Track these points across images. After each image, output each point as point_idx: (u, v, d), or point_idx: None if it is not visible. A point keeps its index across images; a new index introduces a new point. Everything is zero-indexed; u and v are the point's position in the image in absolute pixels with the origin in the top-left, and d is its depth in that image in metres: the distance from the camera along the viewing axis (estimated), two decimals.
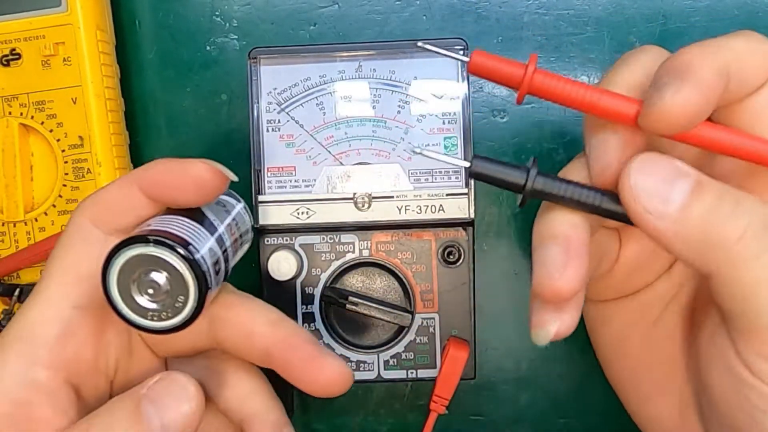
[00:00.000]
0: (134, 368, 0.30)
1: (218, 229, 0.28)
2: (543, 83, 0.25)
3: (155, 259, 0.25)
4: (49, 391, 0.25)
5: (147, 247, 0.25)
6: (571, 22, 0.39)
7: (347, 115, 0.37)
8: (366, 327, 0.38)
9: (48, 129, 0.37)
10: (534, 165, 0.25)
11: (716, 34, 0.38)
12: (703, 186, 0.23)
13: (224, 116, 0.40)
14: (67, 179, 0.37)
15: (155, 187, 0.27)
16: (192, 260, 0.25)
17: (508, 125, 0.40)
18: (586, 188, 0.25)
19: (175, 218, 0.27)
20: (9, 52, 0.37)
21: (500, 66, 0.25)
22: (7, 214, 0.37)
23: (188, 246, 0.26)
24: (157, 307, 0.26)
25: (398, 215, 0.36)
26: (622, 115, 0.24)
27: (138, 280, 0.26)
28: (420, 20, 0.39)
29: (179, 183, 0.27)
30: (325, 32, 0.40)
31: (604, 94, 0.24)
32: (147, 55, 0.40)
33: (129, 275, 0.25)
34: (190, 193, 0.27)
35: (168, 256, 0.25)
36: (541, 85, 0.25)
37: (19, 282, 0.38)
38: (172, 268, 0.25)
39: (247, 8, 0.40)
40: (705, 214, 0.23)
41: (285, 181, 0.37)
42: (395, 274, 0.37)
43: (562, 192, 0.25)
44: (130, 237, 0.25)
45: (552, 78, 0.25)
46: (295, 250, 0.37)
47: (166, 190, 0.27)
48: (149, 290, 0.26)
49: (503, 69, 0.25)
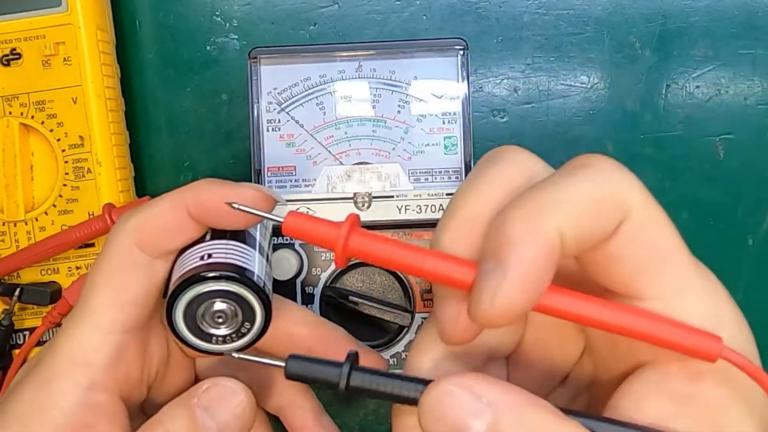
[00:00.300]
0: (170, 371, 0.30)
1: (257, 239, 0.29)
2: (361, 246, 0.22)
3: (219, 292, 0.26)
4: (107, 412, 0.26)
5: (209, 283, 0.26)
6: (570, 22, 0.39)
7: (347, 115, 0.37)
8: (366, 326, 0.38)
9: (48, 129, 0.37)
10: (349, 360, 0.23)
11: (716, 34, 0.39)
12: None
13: (224, 116, 0.40)
14: (68, 179, 0.37)
15: (206, 212, 0.27)
16: (256, 287, 0.26)
17: (508, 125, 0.40)
18: (408, 380, 0.22)
19: (225, 244, 0.27)
20: (9, 52, 0.37)
21: (315, 228, 0.23)
22: (7, 213, 0.37)
23: (246, 271, 0.26)
24: (224, 332, 0.27)
25: (398, 215, 0.36)
26: (455, 282, 0.21)
27: (204, 312, 0.26)
28: (420, 20, 0.40)
29: (231, 210, 0.26)
30: (325, 32, 0.40)
31: (431, 258, 0.21)
32: (147, 55, 0.40)
33: (194, 308, 0.26)
34: (242, 221, 0.27)
35: (231, 287, 0.26)
36: (359, 248, 0.22)
37: (19, 282, 0.38)
38: (236, 296, 0.26)
39: (247, 8, 0.40)
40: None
41: (285, 181, 0.37)
42: (395, 274, 0.37)
43: (382, 387, 0.22)
44: (192, 276, 0.26)
45: (372, 240, 0.22)
46: (295, 250, 0.37)
47: (218, 217, 0.27)
48: (215, 319, 0.26)
49: (318, 231, 0.23)
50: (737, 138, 0.39)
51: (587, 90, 0.40)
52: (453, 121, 0.37)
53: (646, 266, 0.21)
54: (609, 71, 0.39)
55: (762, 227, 0.40)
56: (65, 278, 0.38)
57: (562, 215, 0.20)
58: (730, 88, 0.39)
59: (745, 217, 0.40)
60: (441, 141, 0.37)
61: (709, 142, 0.40)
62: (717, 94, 0.39)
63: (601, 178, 0.21)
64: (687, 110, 0.39)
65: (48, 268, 0.38)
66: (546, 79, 0.40)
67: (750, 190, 0.39)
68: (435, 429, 0.21)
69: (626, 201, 0.21)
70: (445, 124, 0.37)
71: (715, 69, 0.39)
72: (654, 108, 0.39)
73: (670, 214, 0.40)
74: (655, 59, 0.39)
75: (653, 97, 0.39)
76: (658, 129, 0.40)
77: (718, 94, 0.39)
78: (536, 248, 0.20)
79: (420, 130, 0.37)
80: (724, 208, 0.40)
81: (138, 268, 0.27)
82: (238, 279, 0.26)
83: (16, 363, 0.38)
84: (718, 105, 0.39)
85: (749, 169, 0.39)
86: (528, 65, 0.40)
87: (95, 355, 0.26)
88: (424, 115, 0.37)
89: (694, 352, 0.21)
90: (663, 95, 0.39)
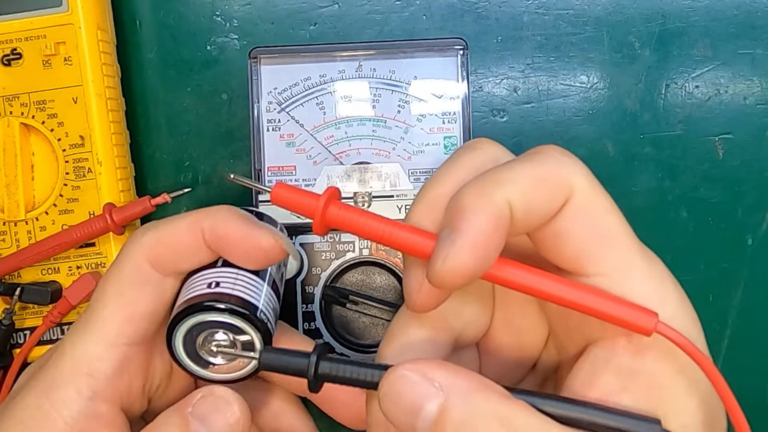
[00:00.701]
0: (172, 384, 0.31)
1: (268, 270, 0.29)
2: (337, 216, 0.25)
3: (220, 323, 0.26)
4: (108, 423, 0.27)
5: (211, 313, 0.26)
6: (570, 22, 0.39)
7: (347, 115, 0.37)
8: (366, 326, 0.38)
9: (49, 128, 0.37)
10: (316, 350, 0.25)
11: (715, 34, 0.39)
12: (443, 418, 0.22)
13: (225, 115, 0.40)
14: (68, 178, 0.37)
15: (220, 244, 0.27)
16: (258, 323, 0.26)
17: (508, 125, 0.40)
18: (372, 367, 0.24)
19: (235, 274, 0.27)
20: (10, 52, 0.37)
21: (298, 198, 0.25)
22: (8, 213, 0.37)
23: (251, 306, 0.26)
24: (222, 362, 0.27)
25: (398, 214, 0.36)
26: (418, 251, 0.23)
27: (203, 340, 0.27)
28: (420, 20, 0.40)
29: (248, 250, 0.27)
30: (326, 32, 0.40)
31: (397, 229, 0.24)
32: (148, 55, 0.40)
33: (194, 335, 0.27)
34: (257, 262, 0.28)
35: (233, 321, 0.26)
36: (336, 218, 0.25)
37: (20, 281, 0.38)
38: (237, 329, 0.26)
39: (247, 8, 0.40)
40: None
41: (285, 180, 0.37)
42: (395, 273, 0.37)
43: (348, 374, 0.24)
44: (196, 303, 0.26)
45: (347, 211, 0.24)
46: (296, 250, 0.37)
47: (233, 252, 0.27)
48: (215, 348, 0.27)
49: (300, 201, 0.25)
50: (736, 138, 0.39)
51: (587, 90, 0.40)
52: (453, 121, 0.37)
53: (590, 245, 0.23)
54: (608, 71, 0.40)
55: (761, 227, 0.40)
56: (66, 278, 0.38)
57: (511, 189, 0.22)
58: (729, 87, 0.39)
59: (745, 217, 0.40)
60: (441, 141, 0.37)
61: (709, 142, 0.40)
62: (716, 94, 0.40)
63: (548, 161, 0.23)
64: (686, 110, 0.40)
65: (48, 268, 0.38)
66: (546, 78, 0.40)
67: (749, 189, 0.39)
68: (391, 411, 0.22)
69: (570, 182, 0.23)
70: (444, 124, 0.37)
71: (715, 69, 0.39)
72: (653, 108, 0.40)
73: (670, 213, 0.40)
74: (654, 59, 0.39)
75: (653, 96, 0.40)
76: (657, 129, 0.40)
77: (717, 93, 0.40)
78: (485, 216, 0.22)
79: (420, 130, 0.37)
80: (723, 207, 0.40)
81: (148, 284, 0.27)
82: (241, 314, 0.26)
83: (16, 363, 0.38)
84: (717, 105, 0.40)
85: (748, 169, 0.39)
86: (528, 65, 0.40)
87: (99, 366, 0.27)
88: (424, 115, 0.37)
89: (630, 326, 0.22)
90: (662, 95, 0.40)
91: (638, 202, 0.40)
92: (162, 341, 0.28)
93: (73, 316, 0.38)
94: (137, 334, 0.27)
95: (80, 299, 0.37)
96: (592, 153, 0.40)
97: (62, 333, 0.38)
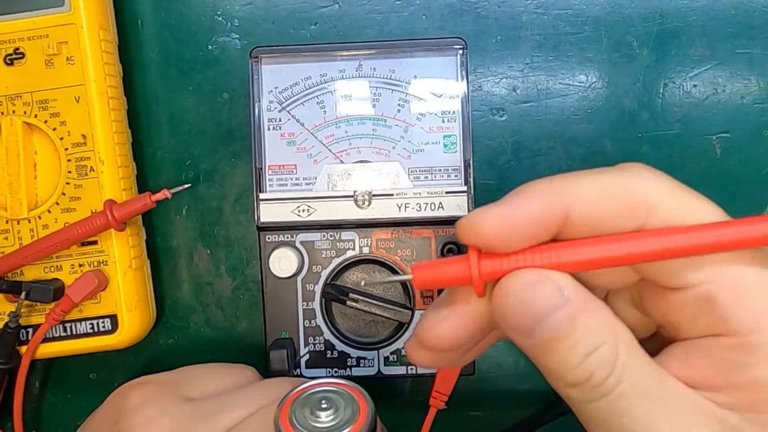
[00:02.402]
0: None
1: None
2: (492, 270, 0.23)
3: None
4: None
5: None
6: (569, 22, 0.40)
7: (347, 114, 0.38)
8: (366, 323, 0.38)
9: (51, 127, 0.37)
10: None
11: (713, 34, 0.39)
12: (567, 329, 0.22)
13: (226, 115, 0.41)
14: (71, 177, 0.37)
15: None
16: None
17: (507, 124, 0.40)
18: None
19: None
20: (13, 52, 0.37)
21: (445, 271, 0.23)
22: (10, 211, 0.37)
23: None
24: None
25: (398, 213, 0.37)
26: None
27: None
28: (420, 19, 0.40)
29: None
30: (326, 32, 0.40)
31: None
32: (149, 54, 0.41)
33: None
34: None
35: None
36: (491, 273, 0.23)
37: (23, 279, 0.38)
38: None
39: (248, 8, 0.40)
40: (559, 356, 0.22)
41: (286, 179, 0.38)
42: (395, 271, 0.38)
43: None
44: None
45: (498, 259, 0.22)
46: (296, 248, 0.37)
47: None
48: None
49: (449, 274, 0.23)
50: (734, 136, 0.40)
51: (585, 89, 0.40)
52: (452, 120, 0.37)
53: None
54: (607, 70, 0.40)
55: None
56: (68, 275, 0.38)
57: (571, 195, 0.22)
58: (726, 87, 0.40)
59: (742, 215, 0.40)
60: (440, 139, 0.38)
61: (706, 141, 0.40)
62: (714, 93, 0.40)
63: (625, 176, 0.22)
64: (684, 109, 0.40)
65: (51, 266, 0.38)
66: (544, 78, 0.40)
67: (746, 187, 0.40)
68: (514, 309, 0.22)
69: (647, 198, 0.22)
70: (444, 123, 0.38)
71: (712, 68, 0.40)
72: (651, 107, 0.40)
73: None
74: (652, 58, 0.40)
75: (651, 96, 0.40)
76: (655, 127, 0.40)
77: (714, 93, 0.40)
78: (535, 202, 0.22)
79: (420, 129, 0.37)
80: (721, 205, 0.39)
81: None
82: None
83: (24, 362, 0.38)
84: (714, 104, 0.40)
85: (746, 167, 0.40)
86: (527, 64, 0.40)
87: None
88: (423, 114, 0.37)
89: (761, 241, 0.22)
90: (660, 94, 0.40)
91: None
92: None
93: (75, 313, 0.38)
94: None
95: (82, 297, 0.37)
96: (590, 152, 0.40)
97: (64, 331, 0.38)
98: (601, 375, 0.21)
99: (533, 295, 0.22)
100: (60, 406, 0.43)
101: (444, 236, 0.37)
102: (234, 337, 0.42)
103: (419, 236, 0.37)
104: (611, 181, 0.22)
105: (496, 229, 0.22)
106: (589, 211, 0.22)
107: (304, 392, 0.27)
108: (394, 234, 0.37)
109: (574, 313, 0.22)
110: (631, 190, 0.22)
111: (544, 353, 0.22)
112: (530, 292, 0.22)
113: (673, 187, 0.23)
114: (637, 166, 0.23)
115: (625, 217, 0.22)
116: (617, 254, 0.22)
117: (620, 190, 0.22)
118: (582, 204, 0.22)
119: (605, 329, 0.22)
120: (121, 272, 0.38)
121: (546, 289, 0.22)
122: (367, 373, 0.38)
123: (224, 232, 0.41)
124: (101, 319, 0.38)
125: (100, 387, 0.42)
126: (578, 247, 0.22)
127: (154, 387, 0.33)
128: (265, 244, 0.37)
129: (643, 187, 0.22)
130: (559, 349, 0.22)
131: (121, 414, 0.32)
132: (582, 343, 0.21)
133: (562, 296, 0.22)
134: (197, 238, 0.41)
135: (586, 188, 0.22)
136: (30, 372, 0.39)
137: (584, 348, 0.21)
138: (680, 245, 0.21)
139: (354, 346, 0.38)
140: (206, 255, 0.41)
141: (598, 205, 0.22)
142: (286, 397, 0.27)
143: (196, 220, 0.41)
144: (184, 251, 0.41)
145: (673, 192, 0.23)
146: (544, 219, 0.22)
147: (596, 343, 0.21)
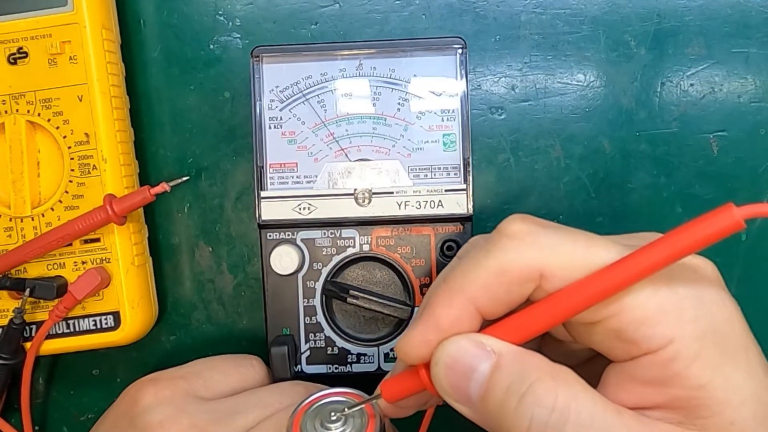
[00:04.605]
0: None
1: None
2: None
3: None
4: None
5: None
6: (567, 21, 0.40)
7: (348, 113, 0.38)
8: (366, 320, 0.38)
9: (54, 126, 0.38)
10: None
11: (710, 33, 0.40)
12: (495, 377, 0.23)
13: (227, 113, 0.41)
14: (73, 175, 0.38)
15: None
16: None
17: (506, 122, 0.40)
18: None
19: None
20: (16, 51, 0.37)
21: (405, 387, 0.26)
22: (14, 209, 0.38)
23: None
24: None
25: (398, 210, 0.37)
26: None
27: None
28: (419, 19, 0.40)
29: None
30: (326, 31, 0.40)
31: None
32: (151, 54, 0.41)
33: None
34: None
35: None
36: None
37: (26, 276, 0.38)
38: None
39: (249, 7, 0.41)
40: (497, 407, 0.23)
41: (287, 177, 0.38)
42: (395, 268, 0.38)
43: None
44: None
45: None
46: (296, 245, 0.38)
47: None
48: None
49: (408, 387, 0.26)
50: (731, 135, 0.40)
51: (583, 88, 0.40)
52: (452, 119, 0.38)
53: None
54: (605, 69, 0.40)
55: (755, 223, 0.40)
56: (71, 272, 0.38)
57: (471, 289, 0.24)
58: (723, 86, 0.40)
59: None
60: (440, 138, 0.38)
61: (703, 139, 0.40)
62: (711, 92, 0.40)
63: (509, 249, 0.24)
64: (681, 108, 0.40)
65: (54, 263, 0.38)
66: (543, 77, 0.40)
67: (743, 186, 0.40)
68: (446, 375, 0.24)
69: (531, 268, 0.24)
70: (444, 122, 0.38)
71: (709, 67, 0.40)
72: (649, 105, 0.40)
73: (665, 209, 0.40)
74: (650, 58, 0.40)
75: (648, 94, 0.40)
76: (653, 126, 0.40)
77: (712, 91, 0.40)
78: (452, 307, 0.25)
79: (419, 128, 0.38)
80: (717, 203, 0.39)
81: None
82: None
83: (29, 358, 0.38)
84: (711, 102, 0.40)
85: (742, 166, 0.40)
86: (525, 63, 0.40)
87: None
88: (423, 113, 0.38)
89: (721, 233, 0.22)
90: (658, 93, 0.40)
91: (634, 199, 0.40)
92: None
93: (78, 310, 0.38)
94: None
95: (85, 294, 0.37)
96: (588, 150, 0.40)
97: (68, 327, 0.39)
98: (541, 414, 0.22)
99: (457, 354, 0.24)
100: (63, 402, 0.43)
101: (443, 234, 0.38)
102: (235, 333, 0.42)
103: (419, 234, 0.38)
104: (499, 262, 0.24)
105: (422, 351, 0.24)
106: (492, 296, 0.24)
107: (315, 403, 0.28)
108: (394, 231, 0.38)
109: (500, 360, 0.23)
110: (519, 264, 0.23)
111: (485, 409, 0.23)
112: (454, 352, 0.24)
113: (556, 242, 0.24)
114: (518, 230, 0.24)
115: (520, 289, 0.24)
116: (526, 334, 0.24)
117: (509, 266, 0.24)
118: (483, 293, 0.24)
119: (533, 371, 0.23)
120: (124, 269, 0.38)
121: (468, 344, 0.24)
122: (367, 370, 0.38)
123: (225, 229, 0.41)
124: (104, 316, 0.39)
125: (102, 383, 0.42)
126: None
127: (167, 384, 0.33)
128: (266, 241, 0.38)
129: (527, 260, 0.23)
130: (495, 397, 0.23)
131: (136, 411, 0.32)
132: (515, 385, 0.23)
133: (485, 349, 0.24)
134: (199, 235, 0.42)
135: (482, 278, 0.24)
136: (34, 368, 0.39)
137: (517, 388, 0.23)
138: (569, 309, 0.23)
139: (354, 343, 0.38)
140: (208, 252, 0.42)
141: (498, 288, 0.24)
142: (297, 408, 0.28)
143: (197, 218, 0.41)
144: (186, 248, 0.42)
145: (554, 249, 0.23)
146: (458, 320, 0.24)
147: (528, 381, 0.22)
